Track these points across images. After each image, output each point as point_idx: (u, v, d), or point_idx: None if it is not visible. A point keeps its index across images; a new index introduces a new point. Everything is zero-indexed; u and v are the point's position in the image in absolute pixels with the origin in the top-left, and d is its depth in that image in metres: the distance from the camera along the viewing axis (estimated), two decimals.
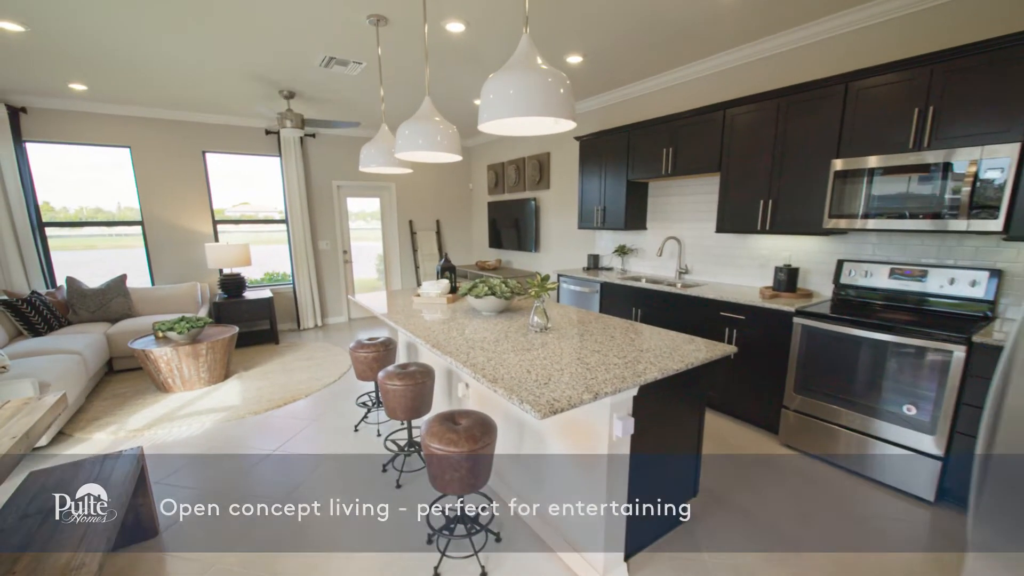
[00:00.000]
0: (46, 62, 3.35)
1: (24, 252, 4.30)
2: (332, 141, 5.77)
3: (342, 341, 5.40)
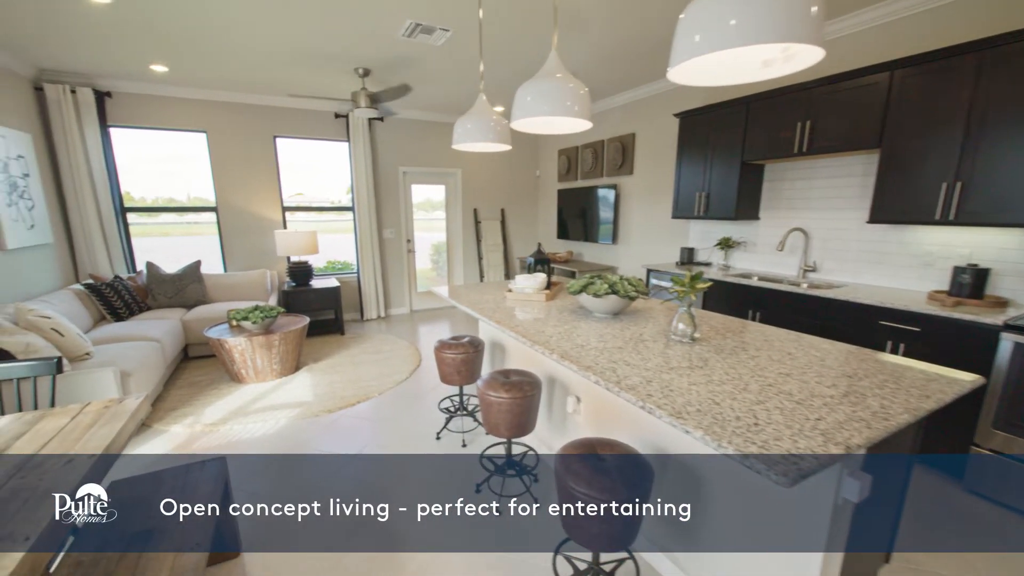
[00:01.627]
0: (128, 40, 3.24)
1: (108, 237, 4.33)
2: (399, 125, 5.53)
3: (406, 334, 5.19)
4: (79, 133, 4.03)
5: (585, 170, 5.44)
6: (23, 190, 3.56)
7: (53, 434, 1.33)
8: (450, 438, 2.81)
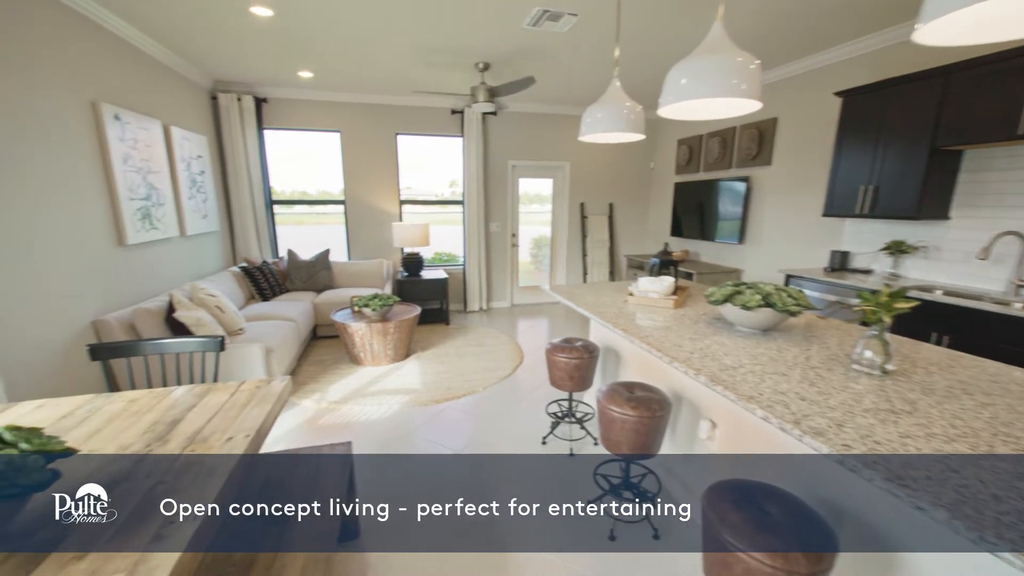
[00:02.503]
0: (283, 50, 3.59)
1: (259, 226, 4.94)
2: (511, 119, 5.50)
3: (507, 328, 5.18)
4: (241, 135, 4.63)
5: (710, 161, 4.92)
6: (200, 185, 4.18)
7: (216, 409, 1.45)
8: (556, 445, 2.69)
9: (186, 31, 3.21)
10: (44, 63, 2.42)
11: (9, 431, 0.92)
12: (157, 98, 3.54)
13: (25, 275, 2.26)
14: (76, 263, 2.61)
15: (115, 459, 1.18)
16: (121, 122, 3.00)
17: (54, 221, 2.46)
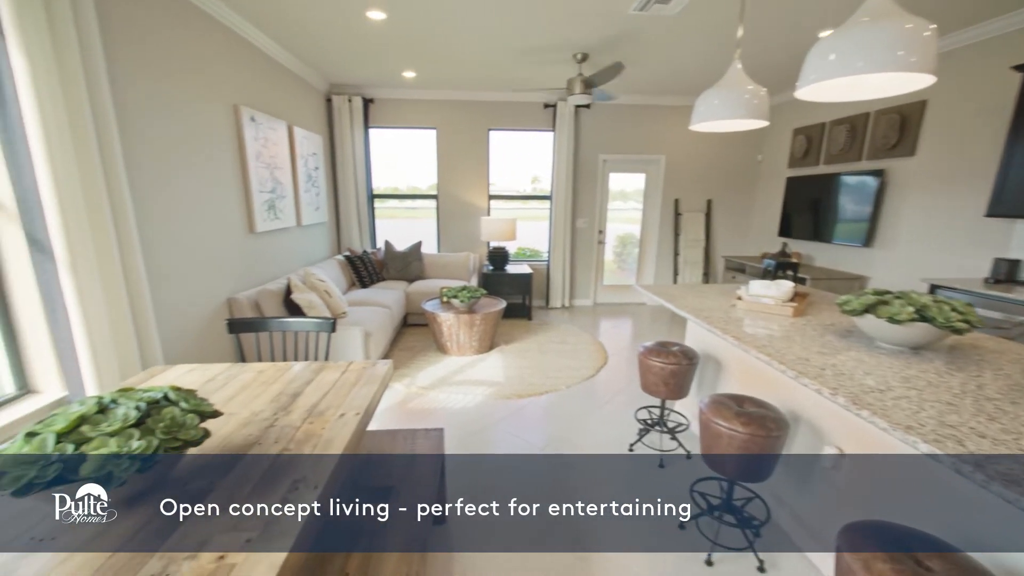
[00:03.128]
0: (391, 51, 3.81)
1: (360, 219, 5.32)
2: (605, 112, 5.33)
3: (589, 327, 5.05)
4: (350, 134, 5.01)
5: (833, 152, 4.34)
6: (314, 180, 4.59)
7: (329, 386, 1.56)
8: (644, 453, 2.54)
9: (310, 37, 3.50)
10: (201, 71, 2.79)
11: (173, 391, 1.05)
12: (283, 101, 3.94)
13: (183, 256, 2.63)
14: (218, 247, 2.98)
15: (248, 422, 1.31)
16: (255, 123, 3.38)
17: (206, 209, 2.83)
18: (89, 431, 0.90)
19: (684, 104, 5.32)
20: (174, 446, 0.94)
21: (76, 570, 0.80)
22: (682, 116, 5.37)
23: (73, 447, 0.87)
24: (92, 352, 1.80)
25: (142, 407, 0.96)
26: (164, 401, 1.02)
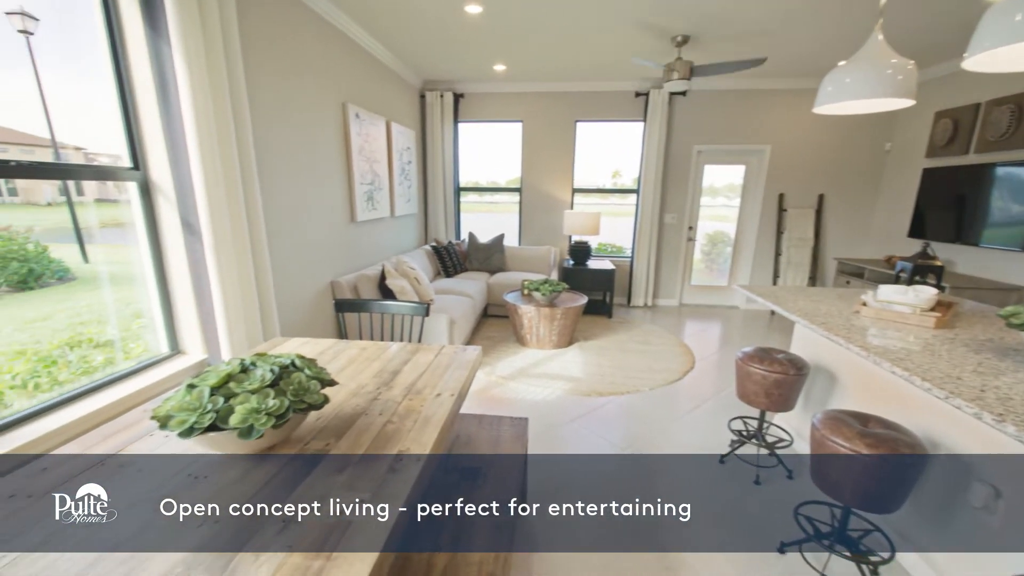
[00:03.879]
0: (484, 45, 3.88)
1: (447, 211, 5.53)
2: (701, 99, 4.99)
3: (674, 328, 4.79)
4: (440, 129, 5.21)
5: (991, 138, 3.65)
6: (407, 173, 4.85)
7: (425, 368, 1.63)
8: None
9: (409, 33, 3.66)
10: (315, 71, 3.04)
11: (299, 359, 1.15)
12: (382, 98, 4.20)
13: (298, 241, 2.91)
14: (325, 234, 3.26)
15: (356, 393, 1.41)
16: (359, 119, 3.64)
17: (316, 199, 3.11)
18: (235, 387, 1.01)
19: (796, 87, 4.81)
20: (300, 407, 1.03)
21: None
22: (793, 100, 4.86)
23: (223, 400, 0.98)
24: (227, 322, 2.06)
25: (275, 371, 1.07)
26: (292, 367, 1.12)
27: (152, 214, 2.00)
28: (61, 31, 1.78)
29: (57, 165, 1.75)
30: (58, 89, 1.72)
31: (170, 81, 1.83)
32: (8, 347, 1.87)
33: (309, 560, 0.77)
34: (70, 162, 1.84)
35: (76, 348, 2.13)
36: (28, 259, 2.08)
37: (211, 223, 1.95)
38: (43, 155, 1.77)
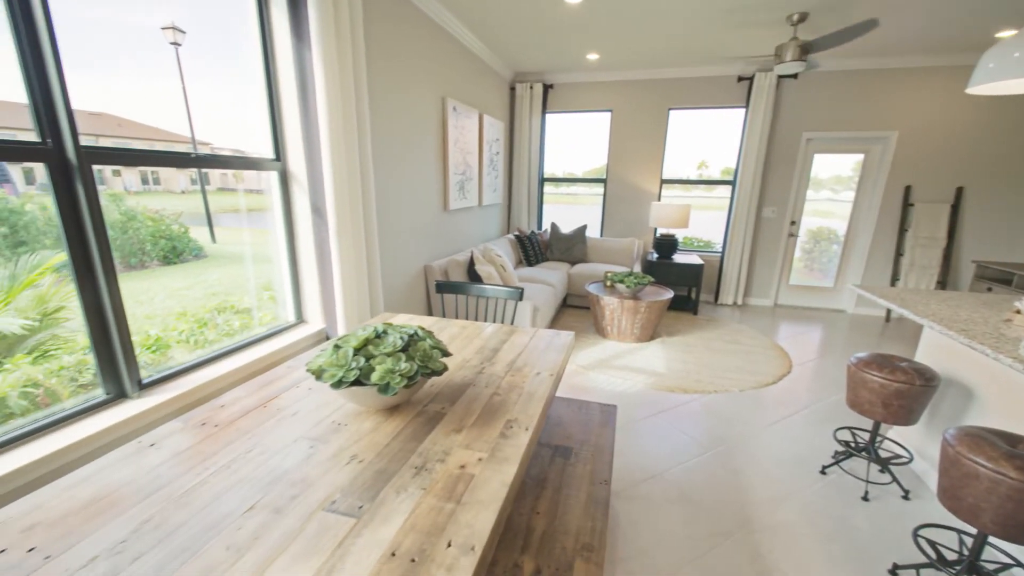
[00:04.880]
0: (580, 34, 3.86)
1: (530, 201, 5.61)
2: (815, 81, 4.55)
3: (767, 330, 4.47)
4: (528, 120, 5.28)
5: None
6: (494, 164, 5.00)
7: (521, 349, 1.71)
8: (841, 480, 2.18)
9: (504, 25, 3.72)
10: (419, 66, 3.24)
11: (420, 329, 1.28)
12: (477, 91, 4.35)
13: (399, 227, 3.15)
14: (421, 221, 3.49)
15: (462, 366, 1.53)
16: (456, 112, 3.81)
17: (415, 187, 3.34)
18: (373, 350, 1.16)
19: (931, 65, 4.19)
20: (425, 372, 1.16)
21: (368, 446, 1.05)
22: (927, 80, 4.25)
23: (364, 360, 1.13)
24: (344, 297, 2.31)
25: (404, 338, 1.20)
26: (416, 336, 1.25)
27: (288, 200, 2.30)
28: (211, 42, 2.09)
29: (218, 156, 2.07)
30: (200, 92, 2.01)
31: (309, 83, 2.08)
32: (164, 311, 2.27)
33: (442, 502, 0.88)
34: (228, 155, 2.17)
35: (222, 313, 2.52)
36: (173, 238, 2.49)
37: (335, 208, 2.19)
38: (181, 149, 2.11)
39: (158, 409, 1.59)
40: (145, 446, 1.07)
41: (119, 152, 1.60)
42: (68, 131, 1.36)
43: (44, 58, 1.29)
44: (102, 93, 1.60)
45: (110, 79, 1.68)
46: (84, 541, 0.78)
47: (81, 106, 1.40)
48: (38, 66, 1.29)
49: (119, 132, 1.84)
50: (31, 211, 1.71)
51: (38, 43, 1.28)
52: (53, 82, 1.31)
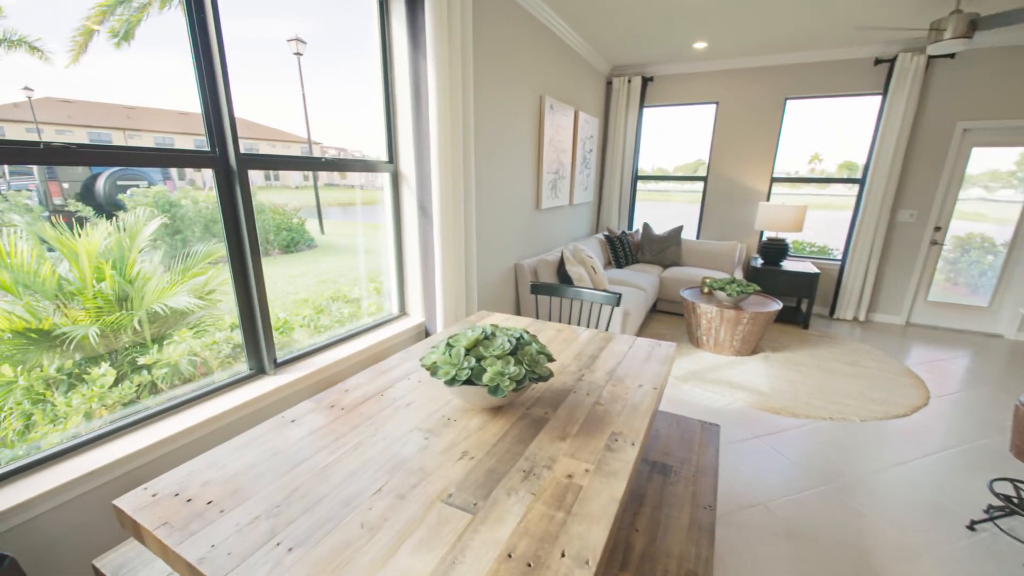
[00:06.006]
0: (688, 21, 3.63)
1: (622, 200, 5.44)
2: (977, 61, 3.83)
3: (895, 352, 3.89)
4: (624, 115, 5.11)
5: None
6: (587, 161, 4.91)
7: (620, 357, 1.66)
8: (997, 541, 1.83)
9: (607, 16, 3.60)
10: (519, 64, 3.28)
11: (526, 333, 1.30)
12: (573, 88, 4.30)
13: (494, 225, 3.24)
14: (514, 220, 3.55)
15: (561, 371, 1.53)
16: (552, 110, 3.81)
17: (510, 186, 3.40)
18: (483, 351, 1.20)
19: None
20: (532, 377, 1.17)
21: (477, 443, 1.09)
22: None
23: (475, 360, 1.18)
24: (444, 293, 2.42)
25: (512, 341, 1.23)
26: (523, 340, 1.27)
27: (398, 199, 2.46)
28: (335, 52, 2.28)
29: (343, 160, 2.28)
30: (320, 97, 2.20)
31: (422, 89, 2.20)
32: (284, 296, 2.56)
33: (552, 510, 0.88)
34: (352, 159, 2.38)
35: (335, 302, 2.77)
36: (292, 229, 2.79)
37: (440, 208, 2.30)
38: (296, 149, 2.34)
39: (290, 386, 1.80)
40: (287, 421, 1.22)
41: (270, 158, 1.83)
42: (231, 140, 1.57)
43: (215, 74, 1.51)
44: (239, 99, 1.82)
45: (244, 86, 1.91)
46: (249, 500, 0.90)
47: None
48: (211, 81, 1.51)
49: (250, 134, 2.12)
50: (186, 204, 2.04)
51: (211, 59, 1.50)
52: (221, 95, 1.53)
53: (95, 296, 1.69)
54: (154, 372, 1.76)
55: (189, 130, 1.58)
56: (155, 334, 1.95)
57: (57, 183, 1.57)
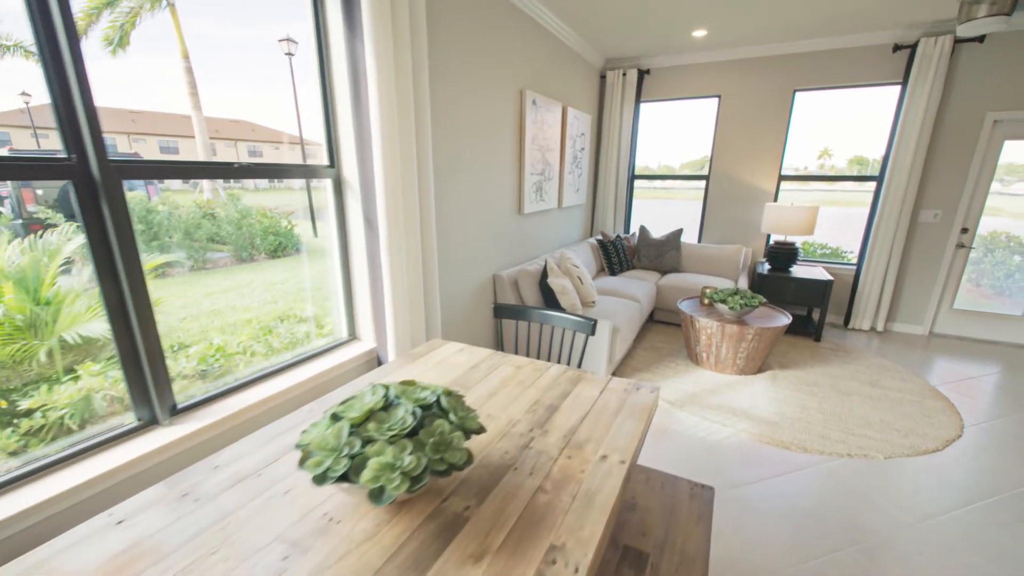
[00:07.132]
0: (685, 7, 3.27)
1: (617, 201, 5.07)
2: (1008, 44, 3.43)
3: (919, 367, 3.50)
4: (619, 110, 4.75)
5: None
6: (579, 161, 4.56)
7: (588, 406, 1.32)
8: None
9: (599, 4, 3.29)
10: (495, 55, 2.93)
11: (445, 396, 0.96)
12: (560, 82, 3.95)
13: (463, 234, 2.90)
14: (490, 226, 3.20)
15: (505, 433, 1.18)
16: (536, 106, 3.46)
17: (484, 190, 3.06)
18: (374, 429, 0.86)
19: None
20: (437, 471, 0.83)
21: (356, 567, 0.76)
22: None
23: (360, 444, 0.84)
24: (394, 316, 2.09)
25: (417, 413, 0.89)
26: (436, 408, 0.93)
27: (342, 209, 2.13)
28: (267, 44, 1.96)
29: (274, 165, 1.95)
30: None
31: (361, 79, 1.86)
32: (235, 313, 2.25)
33: None
34: (275, 163, 2.05)
35: (285, 321, 2.46)
36: (279, 233, 2.50)
37: (387, 219, 1.97)
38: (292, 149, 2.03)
39: (194, 436, 1.48)
40: (112, 523, 0.89)
41: (152, 165, 1.50)
42: (90, 141, 1.25)
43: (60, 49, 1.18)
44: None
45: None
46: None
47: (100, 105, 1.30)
48: (55, 60, 1.18)
49: (253, 136, 2.04)
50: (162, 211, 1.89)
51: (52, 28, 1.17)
52: (70, 78, 1.20)
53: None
54: (35, 419, 1.45)
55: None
56: (68, 366, 1.67)
57: (31, 190, 1.53)
